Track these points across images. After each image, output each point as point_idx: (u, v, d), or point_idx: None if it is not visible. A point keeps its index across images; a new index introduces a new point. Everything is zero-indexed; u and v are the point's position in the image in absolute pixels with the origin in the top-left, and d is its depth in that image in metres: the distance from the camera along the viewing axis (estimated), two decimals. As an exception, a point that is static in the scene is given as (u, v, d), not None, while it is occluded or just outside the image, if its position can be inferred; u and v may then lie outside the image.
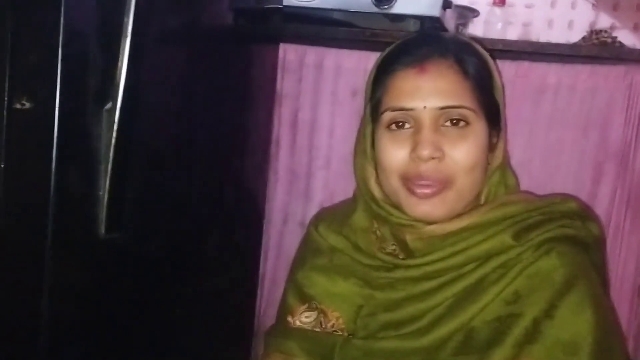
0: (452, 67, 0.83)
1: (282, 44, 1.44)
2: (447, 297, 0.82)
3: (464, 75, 0.83)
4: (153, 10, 0.84)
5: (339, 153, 1.43)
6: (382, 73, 0.87)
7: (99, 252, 0.80)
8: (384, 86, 0.85)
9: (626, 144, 1.28)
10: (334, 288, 0.89)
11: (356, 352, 0.83)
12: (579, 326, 0.75)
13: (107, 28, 0.77)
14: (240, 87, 1.22)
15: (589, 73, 1.30)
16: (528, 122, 1.33)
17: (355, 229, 0.92)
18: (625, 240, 1.29)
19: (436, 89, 0.81)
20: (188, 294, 1.06)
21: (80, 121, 0.76)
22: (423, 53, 0.83)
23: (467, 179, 0.81)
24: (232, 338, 1.31)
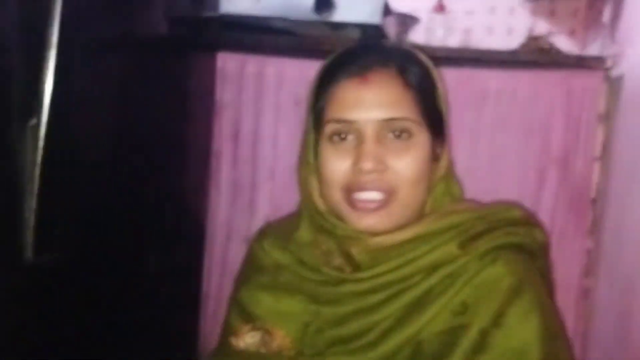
0: (394, 78, 0.82)
1: (221, 53, 1.41)
2: (395, 309, 0.80)
3: (406, 86, 0.82)
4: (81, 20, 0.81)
5: (284, 164, 1.41)
6: (324, 82, 0.85)
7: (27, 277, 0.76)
8: (326, 96, 0.84)
9: (567, 149, 1.31)
10: (280, 306, 0.86)
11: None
12: (526, 334, 0.75)
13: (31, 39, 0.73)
14: (176, 98, 1.19)
15: (528, 79, 1.33)
16: (471, 129, 1.34)
17: (300, 244, 0.89)
18: (568, 244, 1.32)
19: (379, 100, 0.80)
20: (126, 318, 1.01)
21: (2, 138, 0.72)
22: (366, 63, 0.82)
23: (411, 190, 0.81)
24: None
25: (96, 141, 0.90)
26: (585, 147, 1.30)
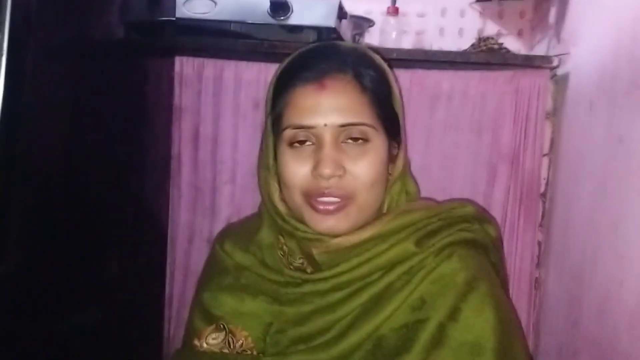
0: (350, 83, 0.82)
1: (178, 57, 1.41)
2: (355, 307, 0.82)
3: (362, 91, 0.83)
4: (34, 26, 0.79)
5: (244, 166, 1.42)
6: (281, 87, 0.85)
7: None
8: (284, 101, 0.84)
9: (516, 145, 1.35)
10: (242, 307, 0.87)
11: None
12: (481, 327, 0.77)
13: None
14: (134, 102, 1.18)
15: (479, 79, 1.36)
16: (425, 128, 1.37)
17: (261, 245, 0.90)
18: (520, 237, 1.36)
19: (336, 106, 0.81)
20: (87, 324, 1.00)
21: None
22: (322, 68, 0.83)
23: (369, 193, 0.82)
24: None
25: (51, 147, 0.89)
26: (533, 143, 1.34)
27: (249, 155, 1.38)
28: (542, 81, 1.34)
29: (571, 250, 1.19)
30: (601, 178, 1.04)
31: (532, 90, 1.34)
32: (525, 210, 1.36)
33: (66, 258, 0.94)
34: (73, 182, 0.96)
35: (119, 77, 1.10)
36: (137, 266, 1.22)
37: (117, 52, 1.12)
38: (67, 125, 0.94)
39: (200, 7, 1.38)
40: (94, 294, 1.03)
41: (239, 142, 1.41)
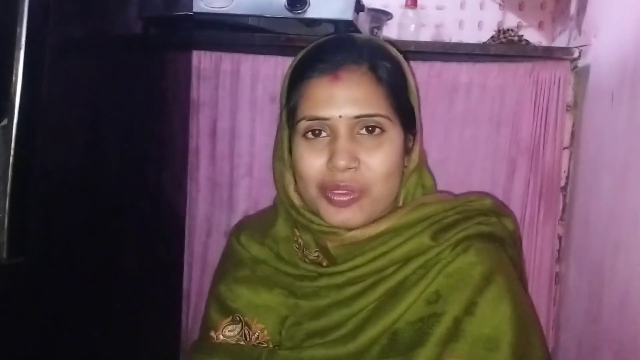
0: (366, 75, 0.82)
1: (196, 52, 1.41)
2: (371, 301, 0.82)
3: (378, 82, 0.82)
4: (52, 20, 0.79)
5: (261, 160, 1.42)
6: (296, 79, 0.86)
7: (2, 279, 0.75)
8: (299, 93, 0.84)
9: (536, 138, 1.33)
10: (258, 299, 0.87)
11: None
12: (498, 321, 0.77)
13: (0, 40, 0.72)
14: (152, 96, 1.19)
15: (498, 71, 1.35)
16: (443, 121, 1.36)
17: (277, 238, 0.90)
18: (540, 231, 1.34)
19: (351, 97, 0.81)
20: (106, 317, 1.01)
21: (-28, 140, 0.71)
22: (337, 60, 0.83)
23: (384, 185, 0.82)
24: (158, 357, 1.26)
25: (70, 140, 0.89)
26: (554, 136, 1.32)
27: (266, 149, 1.38)
28: (563, 73, 1.32)
29: (592, 245, 1.17)
30: (622, 171, 1.02)
31: (552, 82, 1.32)
32: (545, 204, 1.34)
33: (85, 251, 0.94)
34: (91, 176, 0.96)
35: (137, 72, 1.10)
36: (155, 259, 1.23)
37: (135, 47, 1.12)
38: (85, 119, 0.94)
39: (218, 2, 1.38)
40: (112, 287, 1.04)
41: (256, 135, 1.42)
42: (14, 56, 0.73)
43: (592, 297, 1.13)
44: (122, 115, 1.05)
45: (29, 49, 0.73)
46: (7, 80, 0.73)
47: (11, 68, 0.73)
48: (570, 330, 1.27)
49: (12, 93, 0.73)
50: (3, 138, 0.73)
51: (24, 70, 0.73)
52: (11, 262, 0.74)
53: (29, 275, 0.80)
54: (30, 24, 0.73)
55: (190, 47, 1.40)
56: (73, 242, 0.91)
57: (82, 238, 0.94)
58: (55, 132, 0.84)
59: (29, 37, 0.73)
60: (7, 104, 0.72)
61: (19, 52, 0.73)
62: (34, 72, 0.75)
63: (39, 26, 0.75)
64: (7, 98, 0.72)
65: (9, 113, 0.73)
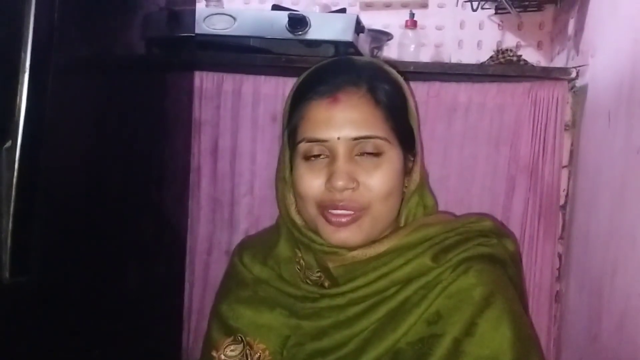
0: (364, 97, 0.83)
1: (198, 72, 1.43)
2: (372, 321, 0.82)
3: (376, 105, 0.83)
4: (55, 44, 0.81)
5: (262, 179, 1.43)
6: (297, 100, 0.86)
7: (4, 298, 0.76)
8: (299, 114, 0.85)
9: (535, 157, 1.34)
10: (260, 319, 0.87)
11: (283, 384, 0.82)
12: (498, 342, 0.77)
13: (4, 61, 0.74)
14: (155, 116, 1.20)
15: (496, 91, 1.36)
16: (442, 140, 1.37)
17: (279, 259, 0.91)
18: (540, 249, 1.35)
19: (349, 119, 0.81)
20: (107, 335, 1.02)
21: (-23, 161, 0.72)
22: (336, 82, 0.83)
23: (383, 206, 0.82)
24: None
25: (73, 160, 0.90)
26: (552, 155, 1.33)
27: (267, 168, 1.40)
28: (561, 93, 1.34)
29: (591, 263, 1.17)
30: (620, 189, 1.03)
31: (550, 101, 1.34)
32: (544, 223, 1.35)
33: (87, 270, 0.95)
34: (94, 194, 0.97)
35: (139, 92, 1.12)
36: (156, 278, 1.24)
37: (138, 68, 1.14)
38: (88, 139, 0.95)
39: (220, 23, 1.41)
40: (113, 305, 1.04)
41: (257, 154, 1.43)
42: (18, 79, 0.74)
43: (592, 316, 1.13)
44: (124, 134, 1.06)
45: (33, 71, 0.75)
46: (12, 102, 0.74)
47: (15, 90, 0.74)
48: (571, 348, 1.27)
49: (16, 115, 0.74)
50: (7, 160, 0.74)
51: (28, 92, 0.75)
52: (13, 281, 0.75)
53: (30, 294, 0.80)
54: (34, 46, 0.75)
55: (193, 68, 1.42)
56: (75, 261, 0.92)
57: (84, 257, 0.94)
58: (58, 152, 0.85)
59: (34, 60, 0.75)
60: (11, 125, 0.74)
61: (24, 76, 0.74)
62: (38, 94, 0.76)
63: (43, 48, 0.77)
64: (11, 120, 0.74)
65: (13, 135, 0.74)
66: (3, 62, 0.74)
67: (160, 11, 1.21)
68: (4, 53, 0.74)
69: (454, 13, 1.83)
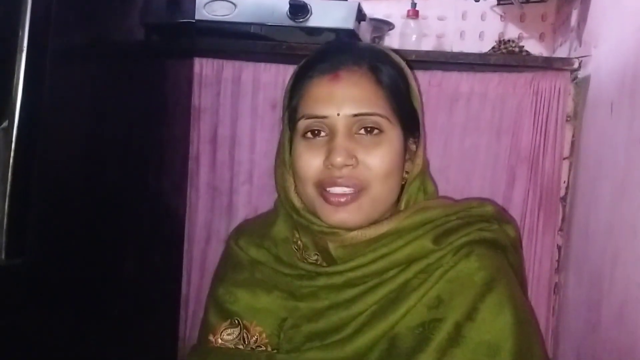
0: (365, 75, 0.83)
1: (198, 59, 1.42)
2: (370, 304, 0.81)
3: (377, 83, 0.83)
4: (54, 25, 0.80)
5: (261, 167, 1.42)
6: (298, 80, 0.87)
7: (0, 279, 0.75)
8: (299, 93, 0.85)
9: (535, 148, 1.34)
10: (257, 303, 0.87)
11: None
12: (499, 327, 0.77)
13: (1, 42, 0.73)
14: (153, 102, 1.19)
15: (498, 81, 1.35)
16: (443, 130, 1.37)
17: (276, 240, 0.90)
18: (539, 240, 1.34)
19: (349, 96, 0.81)
20: (103, 321, 1.01)
21: (-26, 141, 0.71)
22: (338, 61, 0.84)
23: (382, 185, 0.82)
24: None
25: (70, 144, 0.90)
26: (553, 146, 1.33)
27: (266, 156, 1.39)
28: (563, 83, 1.33)
29: (591, 255, 1.17)
30: (621, 181, 1.03)
31: (552, 92, 1.33)
32: (544, 214, 1.34)
33: (83, 255, 0.94)
34: (91, 180, 0.97)
35: (138, 78, 1.11)
36: (153, 265, 1.23)
37: (137, 53, 1.13)
38: (86, 124, 0.95)
39: (221, 10, 1.40)
40: (110, 291, 1.04)
41: (256, 143, 1.42)
42: (15, 59, 0.73)
43: (591, 307, 1.12)
44: (123, 120, 1.06)
45: (31, 51, 0.74)
46: (9, 82, 0.73)
47: (13, 71, 0.73)
48: (569, 339, 1.27)
49: (13, 95, 0.73)
50: (4, 140, 0.73)
51: (25, 73, 0.74)
52: (9, 263, 0.74)
53: (26, 276, 0.80)
54: (32, 27, 0.74)
55: (192, 55, 1.41)
56: (71, 245, 0.91)
57: (81, 242, 0.94)
58: (55, 135, 0.84)
59: (31, 40, 0.74)
60: (8, 105, 0.73)
61: (21, 55, 0.73)
62: (36, 75, 0.75)
63: (41, 30, 0.76)
64: (8, 100, 0.73)
65: (10, 115, 0.73)
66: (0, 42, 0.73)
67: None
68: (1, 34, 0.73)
69: (456, 3, 1.82)
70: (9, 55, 0.73)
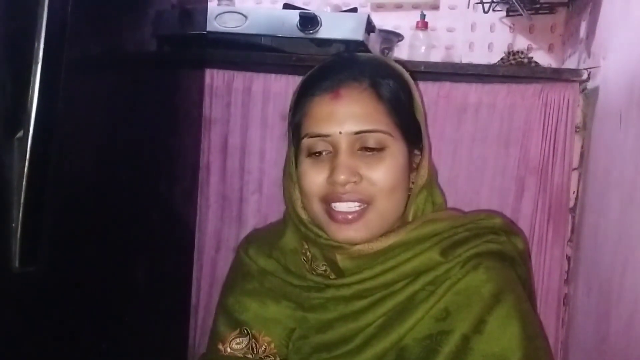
0: (366, 91, 0.83)
1: (209, 70, 1.44)
2: (378, 316, 0.82)
3: (378, 99, 0.83)
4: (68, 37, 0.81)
5: (271, 177, 1.43)
6: (301, 97, 0.87)
7: (13, 287, 0.76)
8: (302, 111, 0.86)
9: (544, 159, 1.33)
10: (266, 312, 0.88)
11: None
12: (507, 340, 0.77)
13: (17, 53, 0.74)
14: (165, 112, 1.20)
15: (507, 92, 1.36)
16: (451, 141, 1.37)
17: (285, 251, 0.91)
18: (548, 252, 1.34)
19: (351, 114, 0.82)
20: (114, 328, 1.02)
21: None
22: (339, 78, 0.84)
23: (388, 200, 0.82)
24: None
25: (83, 153, 0.91)
26: (562, 157, 1.32)
27: (276, 166, 1.40)
28: (572, 94, 1.33)
29: (600, 266, 1.17)
30: (630, 191, 1.02)
31: (561, 103, 1.33)
32: (554, 225, 1.34)
33: (95, 263, 0.96)
34: (103, 189, 0.98)
35: (150, 88, 1.12)
36: (163, 273, 1.24)
37: (149, 64, 1.15)
38: (99, 133, 0.96)
39: (232, 22, 1.42)
40: (120, 299, 1.05)
41: (266, 152, 1.43)
42: (31, 70, 0.75)
43: (600, 318, 1.12)
44: (135, 130, 1.07)
45: (46, 63, 0.75)
46: (24, 93, 0.75)
47: (28, 81, 0.75)
48: (578, 351, 1.26)
49: (28, 106, 0.74)
50: (18, 149, 0.74)
51: (40, 83, 0.75)
52: (23, 271, 0.75)
53: (39, 284, 0.81)
54: (47, 38, 0.76)
55: (203, 66, 1.42)
56: (84, 253, 0.92)
57: (93, 250, 0.95)
58: (69, 145, 0.86)
59: (47, 52, 0.75)
60: (24, 116, 0.74)
61: (36, 66, 0.75)
62: (51, 86, 0.77)
63: (56, 41, 0.77)
64: (23, 110, 0.74)
65: (25, 125, 0.74)
66: (16, 53, 0.74)
67: (172, 9, 1.22)
68: (18, 45, 0.75)
69: (465, 15, 1.82)
70: (25, 66, 0.75)
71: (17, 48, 0.75)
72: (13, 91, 0.74)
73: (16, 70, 0.74)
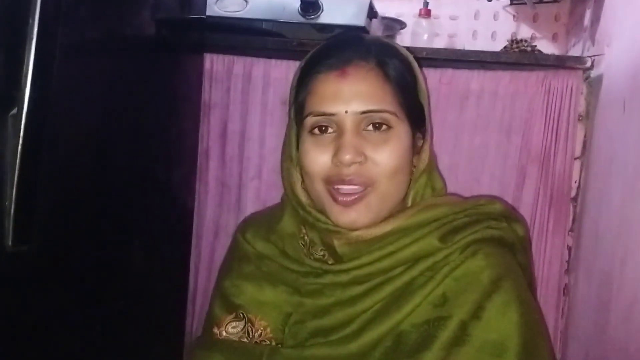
0: (373, 70, 0.82)
1: (208, 54, 1.43)
2: (376, 301, 0.81)
3: (385, 79, 0.82)
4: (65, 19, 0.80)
5: (270, 163, 1.42)
6: (305, 75, 0.86)
7: (6, 265, 0.75)
8: (306, 89, 0.84)
9: (546, 147, 1.32)
10: (262, 296, 0.87)
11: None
12: (505, 326, 0.76)
13: (11, 30, 0.73)
14: (163, 97, 1.19)
15: (509, 79, 1.34)
16: (453, 128, 1.36)
17: (282, 235, 0.90)
18: (549, 241, 1.33)
19: (357, 93, 0.81)
20: (109, 311, 1.01)
21: (-18, 127, 0.71)
22: (345, 56, 0.83)
23: (390, 182, 0.81)
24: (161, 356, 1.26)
25: (80, 135, 0.90)
26: (565, 146, 1.31)
27: (275, 152, 1.38)
28: (575, 82, 1.31)
29: (600, 256, 1.16)
30: (632, 181, 1.01)
31: (564, 91, 1.31)
32: (555, 214, 1.33)
33: (90, 245, 0.95)
34: (100, 172, 0.97)
35: (148, 73, 1.12)
36: (161, 259, 1.23)
37: (148, 48, 1.13)
38: (96, 116, 0.95)
39: (232, 6, 1.40)
40: (116, 283, 1.04)
41: (265, 138, 1.42)
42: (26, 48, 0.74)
43: (600, 308, 1.11)
44: (132, 114, 1.06)
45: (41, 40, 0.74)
46: (18, 70, 0.73)
47: (22, 59, 0.73)
48: (578, 341, 1.25)
49: (22, 83, 0.73)
50: (12, 127, 0.74)
51: (34, 61, 0.74)
52: (16, 250, 0.74)
53: (32, 263, 0.80)
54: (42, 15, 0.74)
55: (203, 50, 1.41)
56: (78, 234, 0.92)
57: (88, 232, 0.94)
58: (65, 125, 0.85)
59: (41, 29, 0.74)
60: (18, 93, 0.73)
61: (31, 43, 0.74)
62: (45, 63, 0.76)
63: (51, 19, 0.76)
64: (17, 87, 0.73)
65: (19, 102, 0.73)
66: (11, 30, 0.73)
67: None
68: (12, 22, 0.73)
69: (469, 3, 1.81)
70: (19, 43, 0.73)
71: (11, 25, 0.73)
72: (7, 68, 0.73)
73: (10, 47, 0.73)
